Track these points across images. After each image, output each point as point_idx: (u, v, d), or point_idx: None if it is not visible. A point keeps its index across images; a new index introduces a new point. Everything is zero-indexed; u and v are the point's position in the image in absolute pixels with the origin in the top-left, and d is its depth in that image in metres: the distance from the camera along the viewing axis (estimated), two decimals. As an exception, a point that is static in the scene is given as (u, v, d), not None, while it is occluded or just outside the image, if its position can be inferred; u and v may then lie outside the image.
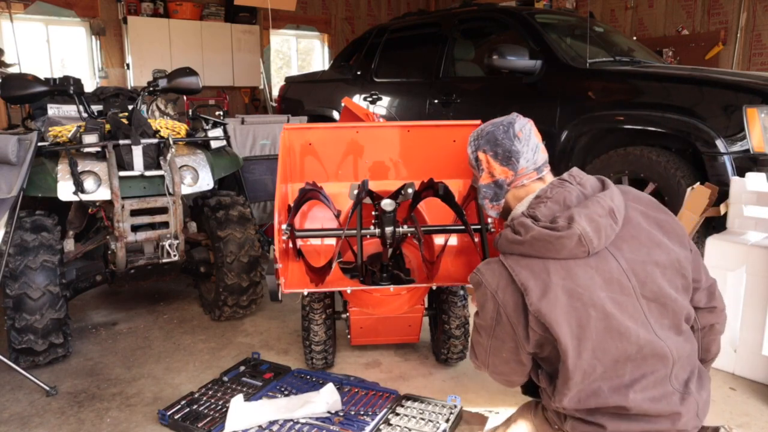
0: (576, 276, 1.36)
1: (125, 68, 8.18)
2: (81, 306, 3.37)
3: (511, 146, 1.54)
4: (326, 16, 10.13)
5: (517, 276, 1.38)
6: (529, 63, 3.99)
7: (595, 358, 1.34)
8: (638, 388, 1.36)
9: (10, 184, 2.46)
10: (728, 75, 3.58)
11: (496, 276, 1.43)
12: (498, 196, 1.57)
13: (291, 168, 2.39)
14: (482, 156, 1.57)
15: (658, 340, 1.37)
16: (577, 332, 1.33)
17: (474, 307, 1.58)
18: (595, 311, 1.33)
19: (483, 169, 1.57)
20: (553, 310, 1.33)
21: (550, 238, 1.36)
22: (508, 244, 1.44)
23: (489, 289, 1.43)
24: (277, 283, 2.02)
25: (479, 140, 1.59)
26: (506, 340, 1.45)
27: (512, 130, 1.56)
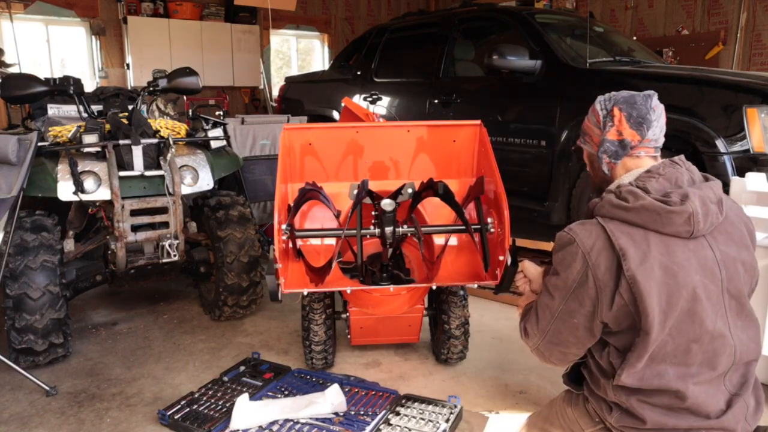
0: (674, 254, 1.37)
1: (125, 68, 8.18)
2: (81, 306, 3.37)
3: (646, 113, 1.52)
4: (326, 16, 10.13)
5: (616, 240, 1.37)
6: (529, 63, 3.99)
7: (669, 336, 1.36)
8: (699, 380, 1.38)
9: (10, 184, 2.46)
10: (728, 75, 3.58)
11: (593, 237, 1.41)
12: (618, 155, 1.53)
13: (291, 168, 2.39)
14: (617, 112, 1.53)
15: (730, 337, 1.39)
16: (665, 308, 1.34)
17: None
18: (686, 292, 1.35)
19: (612, 125, 1.53)
20: (647, 280, 1.33)
21: (660, 210, 1.36)
22: (611, 209, 1.42)
23: (582, 248, 1.41)
24: (277, 283, 2.02)
25: (616, 98, 1.56)
26: (585, 304, 1.41)
27: (650, 102, 1.54)
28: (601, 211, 1.45)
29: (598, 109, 1.58)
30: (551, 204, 3.90)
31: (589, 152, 1.62)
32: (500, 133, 4.14)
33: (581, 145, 1.65)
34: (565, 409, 1.67)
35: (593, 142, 1.58)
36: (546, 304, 1.51)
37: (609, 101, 1.56)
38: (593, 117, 1.59)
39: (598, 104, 1.58)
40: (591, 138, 1.59)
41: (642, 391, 1.40)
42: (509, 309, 3.22)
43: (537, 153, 3.95)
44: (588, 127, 1.61)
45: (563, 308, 1.46)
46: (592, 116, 1.59)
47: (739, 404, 1.40)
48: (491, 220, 2.15)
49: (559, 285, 1.46)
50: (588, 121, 1.60)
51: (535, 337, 1.55)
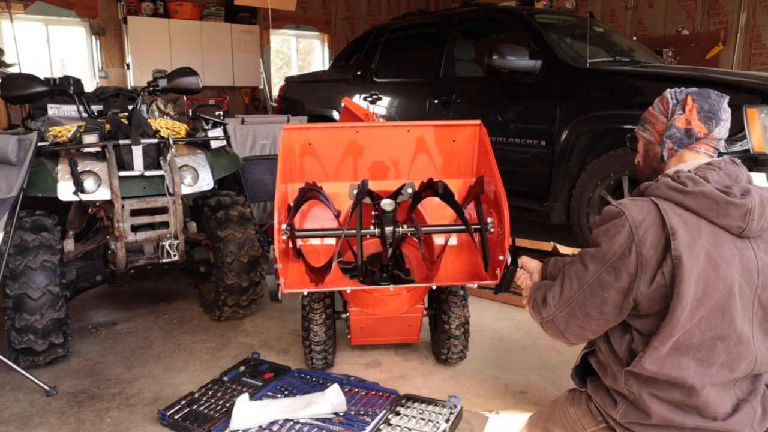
0: (721, 246, 1.37)
1: (125, 68, 8.18)
2: (81, 306, 3.37)
3: (718, 110, 1.51)
4: (326, 16, 10.13)
5: (669, 219, 1.37)
6: (529, 63, 3.99)
7: (698, 327, 1.36)
8: (716, 381, 1.38)
9: (10, 184, 2.47)
10: (728, 75, 3.58)
11: (644, 212, 1.40)
12: (682, 143, 1.52)
13: (291, 168, 2.39)
14: (690, 102, 1.52)
15: (753, 343, 1.39)
16: (701, 296, 1.34)
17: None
18: (723, 286, 1.35)
19: (683, 113, 1.52)
20: (691, 264, 1.33)
21: (720, 199, 1.36)
22: (667, 190, 1.42)
23: (631, 221, 1.39)
24: (277, 283, 2.02)
25: (689, 90, 1.55)
26: (621, 278, 1.39)
27: (723, 101, 1.53)
28: (655, 191, 1.44)
29: (668, 98, 1.56)
30: (551, 204, 3.90)
31: (647, 140, 1.61)
32: (500, 133, 4.14)
33: (640, 132, 1.64)
34: (567, 409, 1.67)
35: (655, 130, 1.57)
36: (577, 273, 1.48)
37: (681, 92, 1.55)
38: (660, 105, 1.57)
39: (669, 94, 1.57)
40: (653, 126, 1.58)
41: (655, 383, 1.40)
42: (509, 309, 3.22)
43: (537, 153, 3.95)
44: (652, 115, 1.60)
45: (596, 280, 1.44)
46: (659, 105, 1.58)
47: (746, 409, 1.41)
48: (491, 220, 2.15)
49: (597, 256, 1.44)
50: (653, 109, 1.60)
51: (554, 308, 1.52)
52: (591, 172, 3.68)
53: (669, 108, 1.54)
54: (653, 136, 1.58)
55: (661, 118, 1.56)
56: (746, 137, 2.98)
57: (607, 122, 3.59)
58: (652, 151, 1.60)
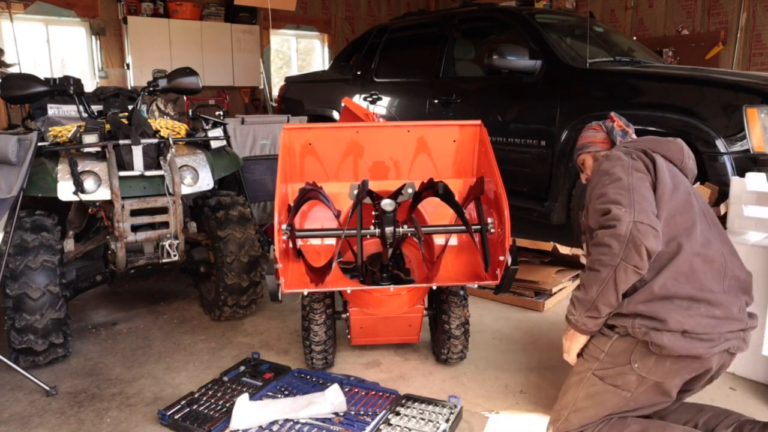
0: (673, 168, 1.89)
1: (125, 68, 8.18)
2: (81, 306, 3.37)
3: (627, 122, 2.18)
4: (326, 16, 10.13)
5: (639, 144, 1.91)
6: (529, 63, 3.99)
7: (676, 209, 1.76)
8: (700, 252, 1.72)
9: (10, 184, 2.47)
10: (728, 75, 3.58)
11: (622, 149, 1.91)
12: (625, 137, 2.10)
13: (291, 168, 2.39)
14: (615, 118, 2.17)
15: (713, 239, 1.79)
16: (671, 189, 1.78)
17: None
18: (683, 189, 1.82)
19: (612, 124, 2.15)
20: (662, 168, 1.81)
21: (661, 139, 1.94)
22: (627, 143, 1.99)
23: (621, 152, 1.88)
24: (277, 283, 2.02)
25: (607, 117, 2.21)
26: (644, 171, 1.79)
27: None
28: (619, 146, 1.97)
29: (593, 125, 2.21)
30: (551, 204, 3.90)
31: (594, 153, 2.15)
32: (500, 133, 4.14)
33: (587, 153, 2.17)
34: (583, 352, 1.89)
35: (598, 142, 2.15)
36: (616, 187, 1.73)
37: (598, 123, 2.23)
38: (592, 132, 2.19)
39: (592, 124, 2.22)
40: (595, 144, 2.15)
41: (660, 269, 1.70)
42: (509, 309, 3.22)
43: (537, 153, 3.95)
44: (588, 138, 2.19)
45: (632, 178, 1.75)
46: (591, 132, 2.19)
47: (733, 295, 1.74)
48: (491, 220, 2.15)
49: (618, 169, 1.78)
50: (587, 138, 2.19)
51: (628, 215, 1.66)
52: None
53: (602, 128, 2.15)
54: (598, 145, 2.13)
55: (599, 135, 2.14)
56: (746, 137, 2.98)
57: (607, 122, 3.59)
58: (599, 155, 2.09)
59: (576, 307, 1.78)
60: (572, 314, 1.80)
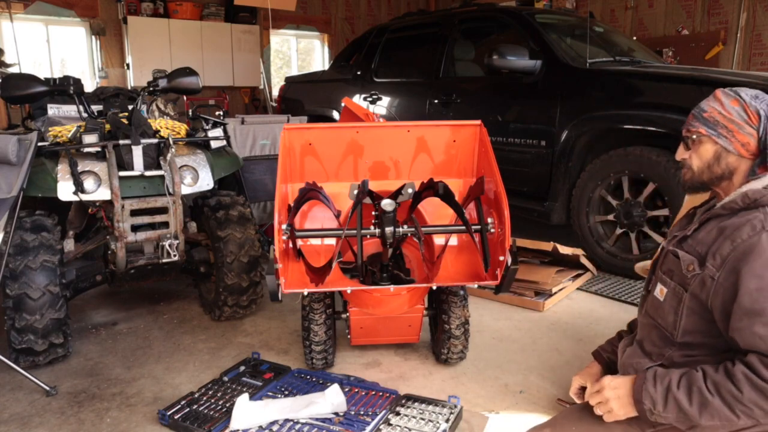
0: None
1: (125, 68, 8.18)
2: (81, 306, 3.37)
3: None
4: (326, 16, 10.13)
5: None
6: (529, 63, 3.99)
7: None
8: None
9: (10, 184, 2.47)
10: (728, 75, 3.58)
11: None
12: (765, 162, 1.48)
13: (291, 168, 2.39)
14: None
15: None
16: None
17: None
18: None
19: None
20: None
21: None
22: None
23: None
24: (277, 283, 2.02)
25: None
26: None
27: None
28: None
29: (753, 106, 1.48)
30: (551, 204, 3.90)
31: (721, 147, 1.51)
32: (500, 133, 4.14)
33: (712, 137, 1.52)
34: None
35: (736, 140, 1.49)
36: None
37: (761, 100, 1.49)
38: (742, 113, 1.49)
39: (751, 101, 1.49)
40: (733, 134, 1.49)
41: None
42: (509, 309, 3.22)
43: (537, 153, 3.95)
44: (729, 120, 1.49)
45: None
46: (740, 111, 1.49)
47: None
48: (491, 220, 2.15)
49: None
50: (728, 113, 1.50)
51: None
52: (591, 172, 3.68)
53: (758, 121, 1.46)
54: (733, 145, 1.48)
55: (746, 128, 1.47)
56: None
57: (607, 122, 3.59)
58: (724, 160, 1.50)
59: (668, 407, 1.43)
60: (655, 407, 1.45)
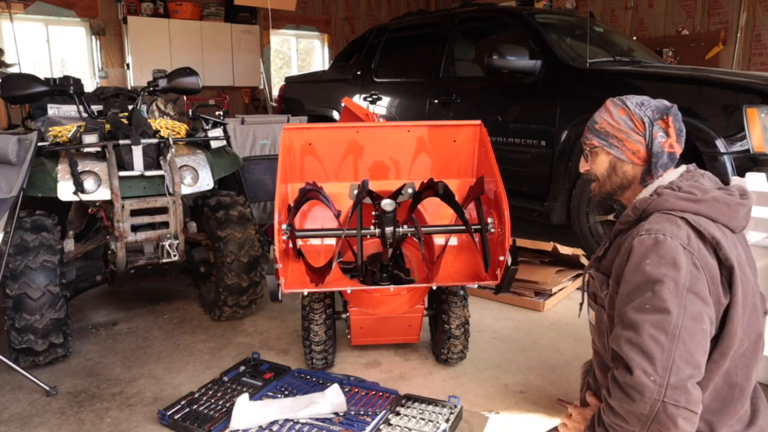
0: (737, 247, 1.34)
1: (125, 68, 8.18)
2: (81, 306, 3.37)
3: (683, 129, 1.48)
4: (326, 16, 10.12)
5: (705, 229, 1.28)
6: (529, 63, 3.99)
7: (744, 333, 1.30)
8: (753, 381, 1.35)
9: (10, 184, 2.47)
10: (728, 75, 3.58)
11: (682, 228, 1.28)
12: (666, 167, 1.46)
13: (291, 168, 2.39)
14: (671, 124, 1.44)
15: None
16: (742, 299, 1.28)
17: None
18: (751, 284, 1.34)
19: (665, 137, 1.44)
20: (740, 269, 1.28)
21: (729, 202, 1.34)
22: (678, 201, 1.33)
23: (679, 241, 1.25)
24: (277, 283, 2.02)
25: (656, 106, 1.47)
26: (707, 300, 1.23)
27: (679, 114, 1.48)
28: (664, 205, 1.35)
29: (637, 114, 1.46)
30: (551, 204, 3.90)
31: (615, 157, 1.50)
32: (500, 133, 4.14)
33: (604, 148, 1.50)
34: None
35: (627, 149, 1.47)
36: (655, 325, 1.21)
37: (646, 108, 1.46)
38: (629, 122, 1.46)
39: (635, 108, 1.46)
40: (623, 143, 1.47)
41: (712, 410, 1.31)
42: (509, 309, 3.22)
43: (537, 153, 3.95)
44: (618, 130, 1.47)
45: (686, 315, 1.21)
46: (627, 120, 1.47)
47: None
48: (491, 220, 2.15)
49: (668, 291, 1.22)
50: (616, 123, 1.48)
51: (656, 387, 1.18)
52: (591, 172, 3.68)
53: (644, 128, 1.44)
54: (624, 154, 1.47)
55: (634, 136, 1.46)
56: (746, 137, 2.98)
57: (607, 122, 3.58)
58: (620, 169, 1.49)
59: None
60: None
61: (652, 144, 1.44)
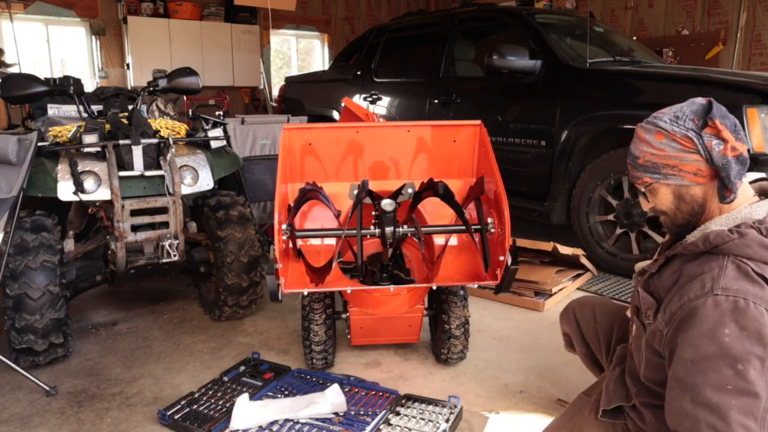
0: None
1: (125, 68, 8.18)
2: (81, 306, 3.37)
3: (734, 119, 1.28)
4: (326, 16, 10.13)
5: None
6: (529, 63, 3.99)
7: None
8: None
9: (10, 184, 2.47)
10: (728, 75, 3.58)
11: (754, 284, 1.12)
12: (741, 175, 1.25)
13: (291, 168, 2.39)
14: (719, 126, 1.24)
15: None
16: None
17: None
18: None
19: (721, 143, 1.24)
20: None
21: None
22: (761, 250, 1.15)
23: (765, 307, 1.09)
24: (277, 283, 2.02)
25: (695, 114, 1.29)
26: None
27: (722, 107, 1.30)
28: (745, 252, 1.17)
29: (676, 132, 1.28)
30: (551, 204, 3.90)
31: (676, 185, 1.32)
32: (500, 133, 4.14)
33: (660, 181, 1.33)
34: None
35: (687, 172, 1.29)
36: (743, 410, 1.08)
37: (683, 119, 1.29)
38: (674, 144, 1.28)
39: (672, 126, 1.29)
40: (679, 169, 1.29)
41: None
42: (509, 309, 3.22)
43: (537, 153, 3.95)
44: (668, 158, 1.30)
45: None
46: (670, 143, 1.29)
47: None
48: (491, 220, 2.15)
49: (754, 372, 1.08)
50: (663, 152, 1.30)
51: None
52: (591, 172, 3.68)
53: (694, 144, 1.26)
54: (686, 179, 1.29)
55: (687, 157, 1.27)
56: (746, 137, 2.98)
57: (607, 122, 3.59)
58: (688, 195, 1.31)
59: None
60: None
61: (712, 158, 1.25)
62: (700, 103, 1.31)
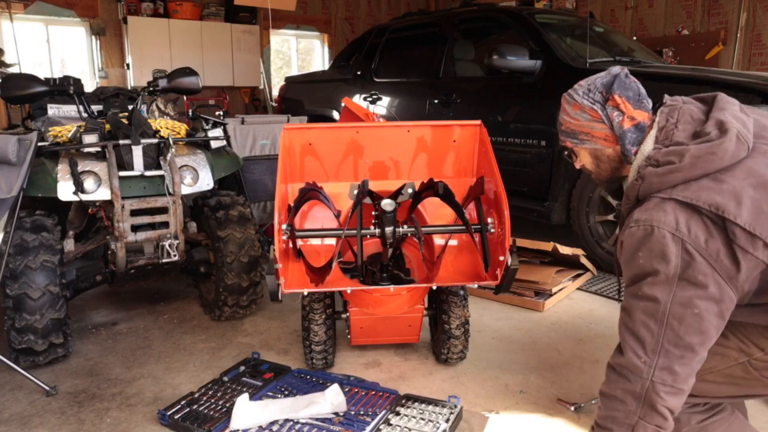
0: (755, 170, 1.27)
1: (125, 68, 8.18)
2: (81, 306, 3.37)
3: (638, 88, 1.48)
4: (326, 16, 10.13)
5: (698, 200, 1.25)
6: (529, 63, 3.99)
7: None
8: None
9: (10, 184, 2.47)
10: (728, 75, 3.58)
11: (669, 213, 1.27)
12: (639, 140, 1.45)
13: (291, 168, 2.39)
14: (618, 99, 1.45)
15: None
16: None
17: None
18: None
19: (621, 113, 1.46)
20: (757, 215, 1.23)
21: (710, 149, 1.26)
22: (664, 176, 1.30)
23: (667, 229, 1.26)
24: (277, 283, 2.02)
25: (598, 87, 1.50)
26: (704, 283, 1.24)
27: (630, 76, 1.50)
28: (651, 188, 1.34)
29: (584, 104, 1.52)
30: (551, 204, 3.90)
31: (593, 149, 1.55)
32: (500, 133, 4.14)
33: (577, 146, 1.58)
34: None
35: (599, 138, 1.52)
36: (645, 312, 1.31)
37: (593, 92, 1.51)
38: (585, 115, 1.52)
39: (583, 99, 1.52)
40: (591, 135, 1.53)
41: None
42: (509, 309, 3.22)
43: (537, 153, 3.95)
44: (580, 126, 1.54)
45: (674, 302, 1.27)
46: (582, 114, 1.53)
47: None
48: (491, 220, 2.15)
49: (658, 281, 1.29)
50: (577, 120, 1.54)
51: (646, 368, 1.31)
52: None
53: (599, 115, 1.49)
54: (598, 143, 1.53)
55: (596, 126, 1.51)
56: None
57: (607, 122, 3.58)
58: (603, 155, 1.55)
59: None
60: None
61: (613, 126, 1.48)
62: (611, 75, 1.50)
